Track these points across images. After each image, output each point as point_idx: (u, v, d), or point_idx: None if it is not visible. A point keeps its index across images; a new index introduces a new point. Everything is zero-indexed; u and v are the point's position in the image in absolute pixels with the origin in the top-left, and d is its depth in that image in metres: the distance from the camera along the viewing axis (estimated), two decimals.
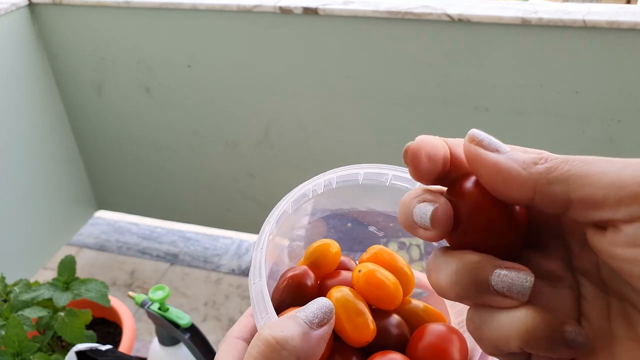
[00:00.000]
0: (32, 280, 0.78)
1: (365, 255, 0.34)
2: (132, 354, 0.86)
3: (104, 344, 0.68)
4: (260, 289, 0.27)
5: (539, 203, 0.19)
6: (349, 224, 0.36)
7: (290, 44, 1.38)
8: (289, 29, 1.35)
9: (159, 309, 0.75)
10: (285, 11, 1.32)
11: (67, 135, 1.74)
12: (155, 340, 0.79)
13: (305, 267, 0.33)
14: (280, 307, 0.31)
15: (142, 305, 0.77)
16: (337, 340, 0.30)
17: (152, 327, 1.51)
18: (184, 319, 0.74)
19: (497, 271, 0.19)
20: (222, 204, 1.73)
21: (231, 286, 1.70)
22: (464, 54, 1.25)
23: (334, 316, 0.25)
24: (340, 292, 0.29)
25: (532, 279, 0.19)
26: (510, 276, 0.19)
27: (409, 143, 0.22)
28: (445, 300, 0.35)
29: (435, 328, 0.30)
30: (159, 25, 1.45)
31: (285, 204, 0.31)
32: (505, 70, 1.24)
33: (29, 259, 1.66)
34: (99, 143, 1.76)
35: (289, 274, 0.32)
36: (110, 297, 0.83)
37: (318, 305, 0.24)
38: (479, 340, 0.20)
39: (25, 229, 1.62)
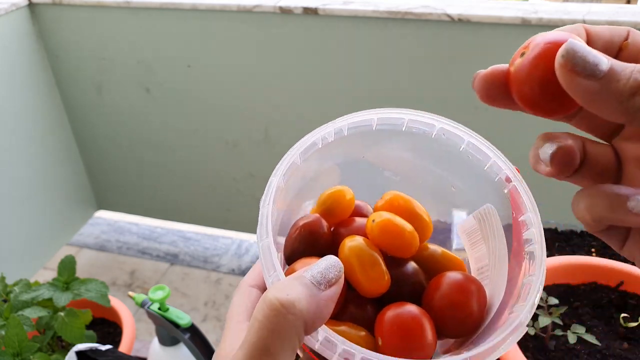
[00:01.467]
0: (32, 280, 0.78)
1: (380, 202, 0.32)
2: (132, 354, 0.86)
3: (104, 344, 0.68)
4: (268, 246, 0.26)
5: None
6: (364, 171, 0.34)
7: (290, 44, 1.38)
8: (289, 29, 1.35)
9: (159, 309, 0.75)
10: (285, 11, 1.32)
11: (67, 135, 1.74)
12: (155, 340, 0.79)
13: (317, 215, 0.31)
14: (293, 256, 0.30)
15: (142, 305, 0.77)
16: (350, 290, 0.28)
17: (152, 327, 1.51)
18: (184, 319, 0.74)
19: (544, 144, 0.22)
20: (222, 204, 1.73)
21: (231, 286, 1.70)
22: (464, 54, 1.25)
23: (343, 275, 0.24)
24: (354, 242, 0.28)
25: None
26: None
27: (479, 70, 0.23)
28: (465, 244, 0.33)
29: (452, 277, 0.28)
30: (159, 25, 1.45)
31: (293, 155, 0.29)
32: None
33: (29, 259, 1.66)
34: (99, 143, 1.76)
35: (301, 222, 0.30)
36: (110, 297, 0.83)
37: (326, 265, 0.23)
38: (577, 219, 0.22)
39: (25, 229, 1.62)
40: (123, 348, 0.79)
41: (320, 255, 0.29)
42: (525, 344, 0.67)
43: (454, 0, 1.28)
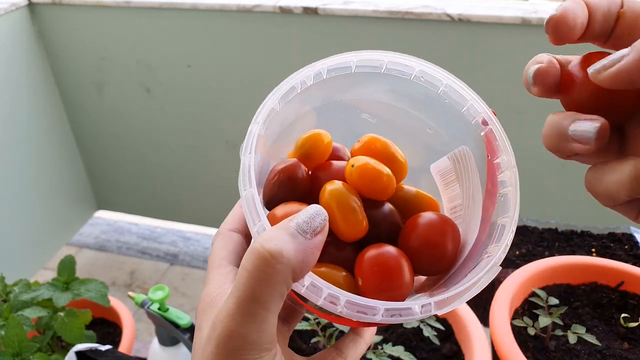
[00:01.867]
0: (31, 281, 0.78)
1: (357, 145, 0.32)
2: (132, 354, 0.86)
3: (104, 344, 0.68)
4: (252, 195, 0.26)
5: None
6: (341, 114, 0.34)
7: (290, 43, 1.37)
8: (289, 28, 1.35)
9: (159, 309, 0.75)
10: (285, 11, 1.31)
11: (67, 135, 1.74)
12: (155, 340, 0.79)
13: (295, 159, 0.31)
14: (272, 202, 0.30)
15: (141, 305, 0.77)
16: (330, 232, 0.29)
17: (152, 327, 1.51)
18: (183, 319, 0.74)
19: (575, 122, 0.22)
20: (222, 203, 1.73)
21: None
22: (464, 54, 1.25)
23: (328, 224, 0.24)
24: (334, 187, 0.29)
25: (598, 125, 0.22)
26: (581, 125, 0.22)
27: (551, 14, 0.24)
28: (439, 184, 0.34)
29: (427, 218, 0.29)
30: (159, 25, 1.45)
31: (272, 101, 0.30)
32: (506, 70, 1.23)
33: (28, 259, 1.66)
34: (98, 143, 1.76)
35: (279, 167, 0.30)
36: (110, 297, 0.83)
37: (311, 213, 0.24)
38: (596, 195, 0.23)
39: (25, 229, 1.62)
40: (123, 348, 0.79)
41: (300, 199, 0.30)
42: (525, 344, 0.67)
43: (454, 0, 1.28)
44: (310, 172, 0.32)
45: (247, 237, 0.30)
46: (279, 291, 0.22)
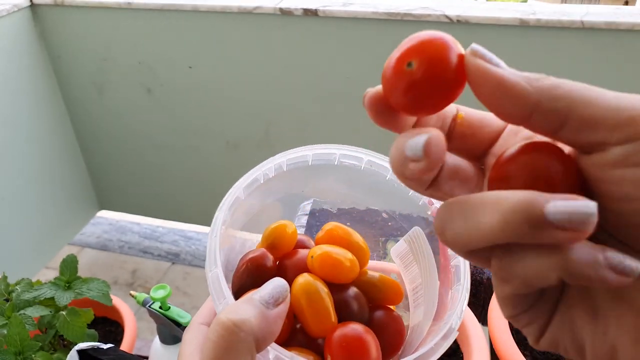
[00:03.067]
0: (34, 280, 0.78)
1: (320, 233, 0.34)
2: (134, 352, 0.87)
3: (106, 342, 0.69)
4: (217, 276, 0.27)
5: (535, 121, 0.18)
6: (304, 204, 0.37)
7: (290, 45, 1.38)
8: (289, 30, 1.35)
9: (160, 307, 0.75)
10: (285, 12, 1.32)
11: (69, 135, 1.75)
12: (157, 339, 0.80)
13: (263, 249, 0.33)
14: (241, 290, 0.32)
15: (143, 304, 0.77)
16: (297, 321, 0.30)
17: (153, 325, 1.51)
18: (185, 318, 0.74)
19: (553, 202, 0.16)
20: None
21: None
22: None
23: (289, 295, 0.25)
24: (303, 280, 0.30)
25: (595, 205, 0.16)
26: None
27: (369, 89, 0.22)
28: (399, 267, 0.36)
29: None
30: (160, 26, 1.46)
31: (237, 191, 0.31)
32: None
33: (31, 259, 1.66)
34: (100, 143, 1.76)
35: (248, 257, 0.32)
36: (112, 296, 0.83)
37: (273, 286, 0.25)
38: (506, 279, 0.18)
39: (27, 229, 1.62)
40: (124, 347, 0.80)
41: None
42: (523, 342, 0.68)
43: (452, 1, 1.29)
44: (277, 262, 0.34)
45: None
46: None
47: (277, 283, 0.25)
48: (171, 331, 0.76)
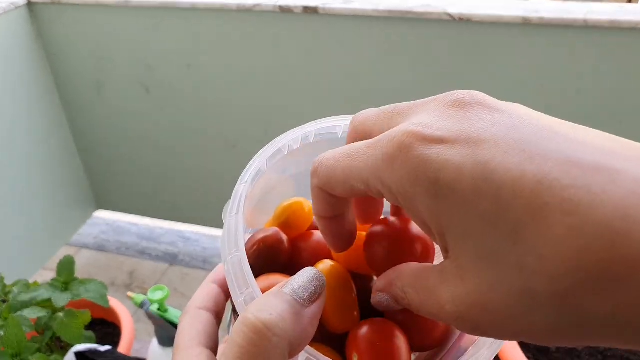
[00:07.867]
0: (31, 281, 0.78)
1: None
2: (132, 354, 0.86)
3: (103, 344, 0.68)
4: (239, 261, 0.23)
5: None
6: None
7: (290, 43, 1.37)
8: (289, 28, 1.35)
9: (158, 309, 0.75)
10: (285, 10, 1.31)
11: (66, 135, 1.74)
12: (155, 340, 0.79)
13: (276, 228, 0.29)
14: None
15: (141, 305, 0.76)
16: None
17: (151, 327, 1.50)
18: None
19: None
20: (221, 204, 1.70)
21: None
22: (464, 54, 1.25)
23: (326, 290, 0.21)
24: (324, 268, 0.26)
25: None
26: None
27: None
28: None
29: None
30: (159, 24, 1.45)
31: (260, 161, 0.28)
32: (506, 70, 1.23)
33: (28, 260, 1.65)
34: (98, 143, 1.76)
35: (259, 237, 0.28)
36: (110, 298, 0.83)
37: (307, 278, 0.21)
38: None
39: (24, 230, 1.61)
40: (122, 349, 0.79)
41: (281, 271, 0.28)
42: (526, 344, 0.67)
43: None
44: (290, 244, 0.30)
45: (217, 317, 0.27)
46: None
47: (311, 274, 0.21)
48: (169, 333, 0.75)
